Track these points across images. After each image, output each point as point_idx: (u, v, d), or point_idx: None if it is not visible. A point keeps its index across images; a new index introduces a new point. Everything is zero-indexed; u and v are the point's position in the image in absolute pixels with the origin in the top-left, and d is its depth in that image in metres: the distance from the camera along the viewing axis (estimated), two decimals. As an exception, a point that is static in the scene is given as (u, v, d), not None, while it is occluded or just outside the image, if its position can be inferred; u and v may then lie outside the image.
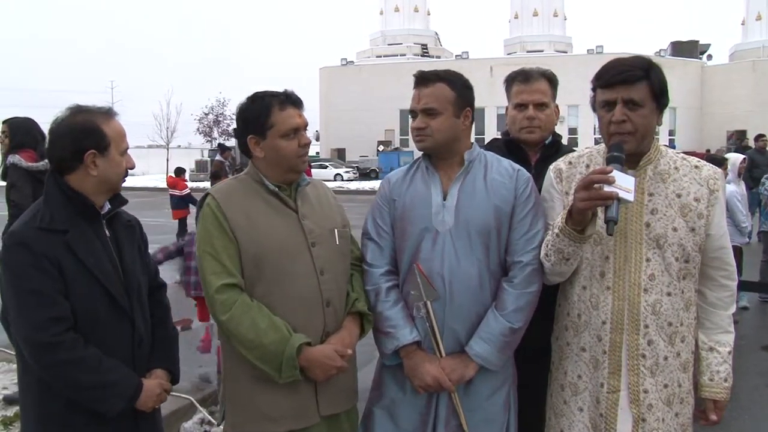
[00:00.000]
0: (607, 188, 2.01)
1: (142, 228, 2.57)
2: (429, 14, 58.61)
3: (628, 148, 2.18)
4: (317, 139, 53.32)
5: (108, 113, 2.30)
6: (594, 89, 2.26)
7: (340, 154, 47.49)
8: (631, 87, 2.15)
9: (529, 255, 2.39)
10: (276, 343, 2.25)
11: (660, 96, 2.20)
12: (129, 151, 2.36)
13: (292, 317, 2.33)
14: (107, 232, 2.32)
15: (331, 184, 28.15)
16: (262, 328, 2.25)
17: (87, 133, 2.22)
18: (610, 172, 2.02)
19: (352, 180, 37.60)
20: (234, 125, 2.55)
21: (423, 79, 2.46)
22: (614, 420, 2.26)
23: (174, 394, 4.29)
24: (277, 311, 2.31)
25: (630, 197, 2.02)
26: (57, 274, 2.15)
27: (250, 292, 2.33)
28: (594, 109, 2.28)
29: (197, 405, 4.66)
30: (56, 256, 2.16)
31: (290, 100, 2.39)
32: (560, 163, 2.46)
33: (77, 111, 2.29)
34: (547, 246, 2.29)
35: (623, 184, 2.01)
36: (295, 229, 2.40)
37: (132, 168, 2.38)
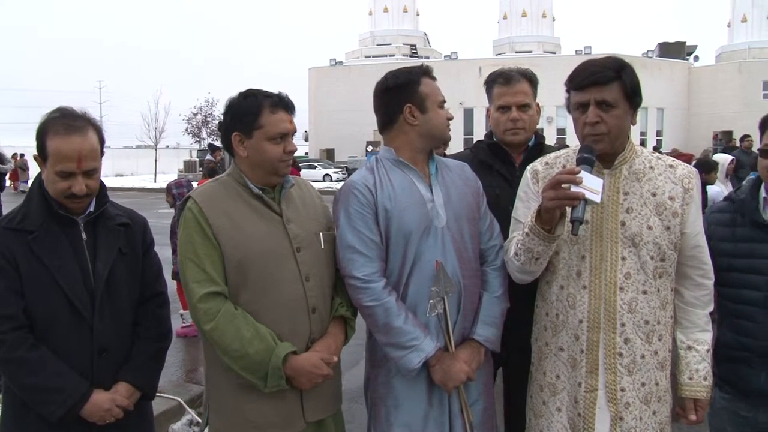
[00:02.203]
0: (574, 188, 2.04)
1: (145, 230, 2.51)
2: (418, 15, 58.59)
3: (602, 148, 2.21)
4: (306, 140, 53.23)
5: (66, 128, 2.18)
6: (568, 91, 2.28)
7: (329, 155, 47.43)
8: (603, 88, 2.18)
9: (499, 239, 2.56)
10: (261, 353, 2.22)
11: (632, 96, 2.22)
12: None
13: (277, 324, 2.30)
14: (84, 235, 2.29)
15: (320, 185, 27.95)
16: (246, 337, 2.22)
17: (36, 138, 2.22)
18: (578, 172, 2.05)
19: (341, 180, 37.52)
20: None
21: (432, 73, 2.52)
22: (592, 419, 2.27)
23: (162, 395, 4.28)
24: (262, 318, 2.28)
25: (597, 198, 2.05)
26: (14, 273, 2.17)
27: (234, 299, 2.29)
28: (569, 111, 2.29)
29: (185, 406, 4.65)
30: (15, 255, 2.17)
31: (282, 104, 2.34)
32: (537, 164, 2.48)
33: (52, 111, 2.27)
34: (517, 245, 2.30)
35: (591, 185, 2.04)
36: (280, 234, 2.35)
37: (78, 194, 2.20)
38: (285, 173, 2.39)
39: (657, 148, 29.14)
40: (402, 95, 2.43)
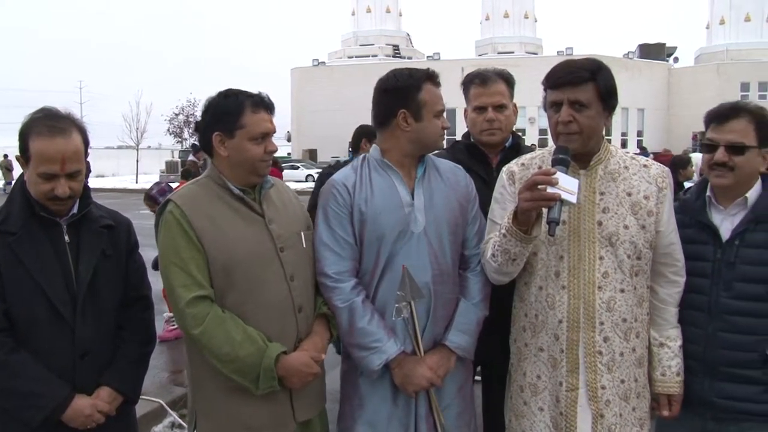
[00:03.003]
0: (550, 189, 2.04)
1: (129, 232, 2.48)
2: (401, 15, 58.71)
3: (575, 147, 2.23)
4: (288, 140, 53.09)
5: (50, 129, 2.14)
6: (545, 90, 2.30)
7: (311, 155, 47.32)
8: (577, 88, 2.20)
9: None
10: (253, 356, 2.21)
11: (607, 97, 2.23)
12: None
13: (265, 325, 2.28)
14: (67, 237, 2.26)
15: (302, 185, 27.80)
16: (237, 340, 2.20)
17: (19, 138, 2.18)
18: (554, 173, 2.06)
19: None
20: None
21: (437, 81, 2.45)
22: (574, 418, 2.29)
23: (144, 397, 4.25)
24: (250, 320, 2.27)
25: (573, 199, 2.06)
26: None
27: (220, 302, 2.26)
28: (545, 109, 2.32)
29: (167, 408, 4.62)
30: None
31: (263, 104, 2.34)
32: (513, 165, 2.49)
33: (35, 112, 2.23)
34: (494, 247, 2.32)
35: (567, 185, 2.06)
36: (263, 234, 2.34)
37: (62, 196, 2.16)
38: (265, 173, 2.39)
39: (643, 148, 29.32)
40: (399, 99, 2.39)
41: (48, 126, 2.16)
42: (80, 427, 2.22)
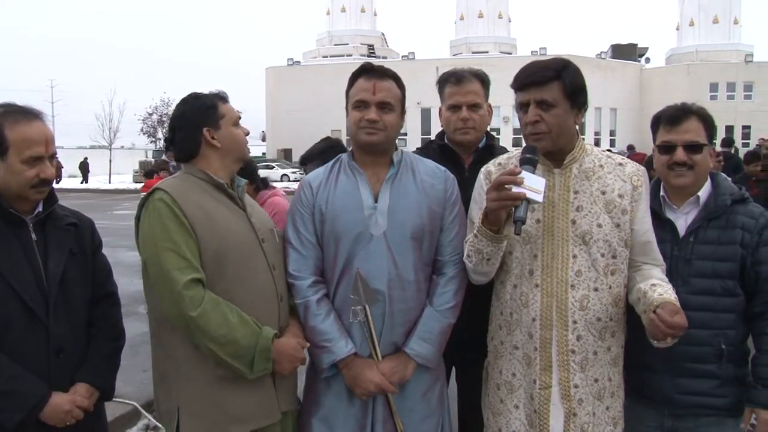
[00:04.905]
0: (515, 189, 2.06)
1: (93, 231, 2.49)
2: (375, 15, 58.76)
3: (544, 146, 2.25)
4: (263, 140, 52.86)
5: (24, 115, 2.18)
6: (514, 92, 2.32)
7: (286, 155, 47.18)
8: (543, 88, 2.22)
9: (462, 254, 2.44)
10: (248, 337, 2.23)
11: (574, 95, 2.25)
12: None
13: (252, 313, 2.31)
14: (34, 235, 2.25)
15: (277, 185, 27.97)
16: (233, 323, 2.22)
17: None
18: (519, 173, 2.08)
19: (298, 180, 37.23)
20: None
21: (378, 72, 2.44)
22: (547, 416, 2.30)
23: (117, 399, 4.20)
24: (238, 307, 2.28)
25: (539, 198, 2.08)
26: None
27: (210, 289, 2.26)
28: (517, 111, 2.34)
29: (141, 410, 4.58)
30: None
31: (223, 96, 2.48)
32: (490, 165, 2.50)
33: None
34: (468, 247, 2.33)
35: (532, 185, 2.07)
36: (247, 225, 2.41)
37: (49, 178, 2.22)
38: (246, 157, 2.54)
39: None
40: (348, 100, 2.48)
41: (21, 113, 2.19)
42: (59, 424, 2.20)
